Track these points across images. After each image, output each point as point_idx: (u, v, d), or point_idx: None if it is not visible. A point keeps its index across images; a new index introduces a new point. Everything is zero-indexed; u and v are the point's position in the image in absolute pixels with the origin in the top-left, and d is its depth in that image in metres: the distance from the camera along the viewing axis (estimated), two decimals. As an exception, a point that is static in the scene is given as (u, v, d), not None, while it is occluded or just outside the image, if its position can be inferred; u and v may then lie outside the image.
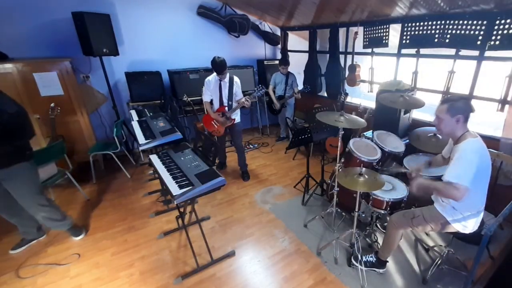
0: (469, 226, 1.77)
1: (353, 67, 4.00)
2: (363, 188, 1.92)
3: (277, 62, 5.08)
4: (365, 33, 3.66)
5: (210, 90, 3.27)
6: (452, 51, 2.82)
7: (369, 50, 3.72)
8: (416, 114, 3.27)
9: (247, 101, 3.19)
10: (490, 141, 2.59)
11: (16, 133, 2.05)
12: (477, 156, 1.58)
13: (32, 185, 2.24)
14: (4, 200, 2.23)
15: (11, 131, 2.00)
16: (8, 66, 3.08)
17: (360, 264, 2.15)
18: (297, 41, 5.32)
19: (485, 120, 3.27)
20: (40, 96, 3.31)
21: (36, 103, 3.29)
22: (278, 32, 5.32)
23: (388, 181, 2.38)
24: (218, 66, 3.00)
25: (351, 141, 2.60)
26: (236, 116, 3.39)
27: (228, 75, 3.19)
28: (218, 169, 3.87)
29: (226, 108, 3.27)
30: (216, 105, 3.32)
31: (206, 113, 3.40)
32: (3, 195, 2.19)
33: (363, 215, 2.58)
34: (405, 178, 2.29)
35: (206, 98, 3.35)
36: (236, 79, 3.25)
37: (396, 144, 2.66)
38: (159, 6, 4.09)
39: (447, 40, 2.78)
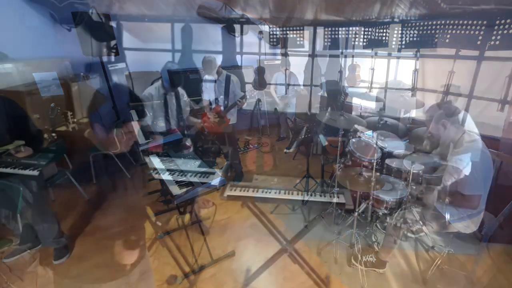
0: (470, 226, 1.77)
1: (353, 67, 4.00)
2: (363, 188, 1.92)
3: (277, 62, 5.09)
4: (365, 33, 3.66)
5: (207, 88, 3.30)
6: (452, 51, 2.82)
7: (369, 50, 3.72)
8: (416, 114, 3.27)
9: (240, 102, 3.16)
10: (490, 141, 2.58)
11: None
12: (476, 152, 1.60)
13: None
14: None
15: None
16: (8, 66, 3.07)
17: (360, 264, 2.15)
18: (297, 41, 5.31)
19: (485, 120, 3.27)
20: (40, 96, 3.30)
21: (36, 103, 3.29)
22: (278, 32, 5.31)
23: (388, 181, 2.38)
24: (203, 64, 3.08)
25: (351, 141, 2.60)
26: (232, 117, 3.33)
27: (224, 74, 3.18)
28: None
29: (222, 108, 3.27)
30: (213, 104, 3.32)
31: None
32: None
33: (363, 215, 2.58)
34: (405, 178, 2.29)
35: (204, 96, 3.36)
36: (233, 77, 3.21)
37: (396, 144, 2.66)
38: (159, 6, 4.09)
39: (447, 40, 2.78)
